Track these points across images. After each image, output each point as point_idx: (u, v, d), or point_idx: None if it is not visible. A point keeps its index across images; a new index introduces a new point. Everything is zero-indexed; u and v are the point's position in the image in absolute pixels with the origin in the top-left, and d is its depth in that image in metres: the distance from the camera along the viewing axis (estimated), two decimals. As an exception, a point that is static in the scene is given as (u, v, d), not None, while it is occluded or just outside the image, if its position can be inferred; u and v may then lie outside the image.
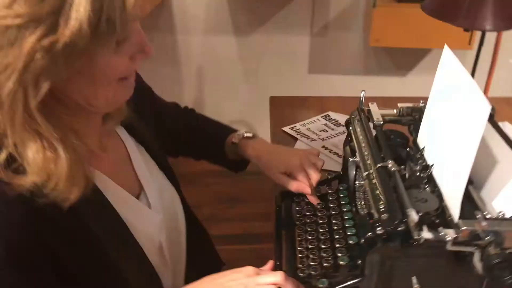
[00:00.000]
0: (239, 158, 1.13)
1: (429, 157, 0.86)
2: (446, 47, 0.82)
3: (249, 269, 0.79)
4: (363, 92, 0.99)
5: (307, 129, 1.42)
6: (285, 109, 1.53)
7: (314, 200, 1.00)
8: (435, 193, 0.80)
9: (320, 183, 1.03)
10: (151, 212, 0.86)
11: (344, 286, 0.80)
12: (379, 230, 0.72)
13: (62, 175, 0.65)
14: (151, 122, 0.99)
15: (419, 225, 0.69)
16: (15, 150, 0.64)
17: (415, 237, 0.68)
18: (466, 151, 0.70)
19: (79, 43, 0.59)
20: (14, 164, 0.64)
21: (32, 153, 0.64)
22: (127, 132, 0.89)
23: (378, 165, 0.83)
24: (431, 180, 0.83)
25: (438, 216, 0.76)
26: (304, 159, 1.02)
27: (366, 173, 0.84)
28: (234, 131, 1.15)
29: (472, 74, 1.47)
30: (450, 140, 0.78)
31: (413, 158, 0.89)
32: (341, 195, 0.99)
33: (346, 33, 2.45)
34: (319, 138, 1.37)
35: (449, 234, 0.67)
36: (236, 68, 2.58)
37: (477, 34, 1.71)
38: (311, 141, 1.36)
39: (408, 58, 2.48)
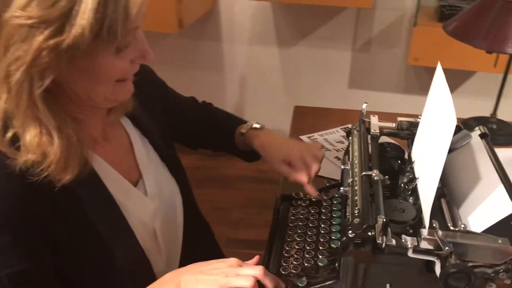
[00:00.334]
0: (248, 148, 1.16)
1: (417, 170, 0.88)
2: (439, 65, 0.85)
3: (232, 260, 0.84)
4: (365, 104, 1.02)
5: (324, 139, 1.45)
6: (307, 118, 1.57)
7: (312, 191, 1.01)
8: (416, 205, 0.82)
9: (319, 190, 1.06)
10: (147, 199, 0.93)
11: (320, 287, 0.83)
12: (350, 234, 0.76)
13: (55, 159, 0.73)
14: (161, 115, 1.05)
15: (383, 231, 0.71)
16: (19, 130, 0.73)
17: (378, 242, 0.71)
18: (435, 165, 0.72)
19: (80, 46, 0.68)
20: (18, 142, 0.73)
21: (30, 136, 0.73)
22: (132, 124, 0.97)
23: (363, 173, 0.86)
24: (414, 192, 0.85)
25: (413, 227, 0.78)
26: (305, 150, 1.04)
27: (350, 180, 0.87)
28: (244, 122, 1.18)
29: (498, 98, 1.45)
30: (428, 155, 0.81)
31: (403, 171, 0.92)
32: (335, 202, 1.02)
33: (388, 50, 2.46)
34: (334, 149, 1.40)
35: (410, 242, 0.69)
36: (277, 78, 2.65)
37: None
38: (326, 151, 1.39)
39: (451, 79, 2.43)
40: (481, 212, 0.75)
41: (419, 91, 2.52)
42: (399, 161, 0.95)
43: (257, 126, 1.15)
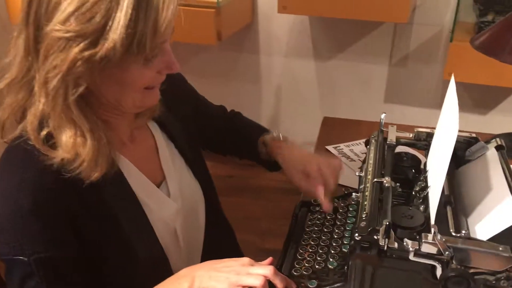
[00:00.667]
0: (270, 158, 1.19)
1: (430, 179, 0.90)
2: (452, 78, 0.86)
3: (245, 259, 0.87)
4: (383, 114, 1.04)
5: (350, 150, 1.47)
6: (335, 129, 1.60)
7: (326, 206, 1.02)
8: (426, 213, 0.84)
9: (337, 197, 1.09)
10: (169, 200, 0.98)
11: (329, 289, 0.86)
12: (356, 236, 0.78)
13: (87, 158, 0.79)
14: (189, 120, 1.11)
15: (386, 234, 0.73)
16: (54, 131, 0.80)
17: (380, 244, 0.73)
18: (440, 174, 0.74)
19: (112, 58, 0.74)
20: (51, 140, 0.80)
21: (66, 137, 0.79)
22: (159, 128, 1.02)
23: (375, 179, 0.88)
24: (425, 201, 0.86)
25: (420, 233, 0.79)
26: (323, 164, 1.06)
27: (362, 186, 0.89)
28: (268, 132, 1.21)
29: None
30: (436, 164, 0.82)
31: (417, 180, 0.93)
32: (351, 209, 1.04)
33: (426, 66, 2.44)
34: (359, 159, 1.42)
35: (411, 245, 0.71)
36: (312, 91, 2.67)
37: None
38: (350, 161, 1.41)
39: (490, 96, 2.40)
40: (488, 221, 0.76)
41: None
42: (414, 170, 0.96)
43: (280, 137, 1.18)
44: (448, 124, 0.81)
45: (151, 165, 0.98)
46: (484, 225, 0.77)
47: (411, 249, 0.71)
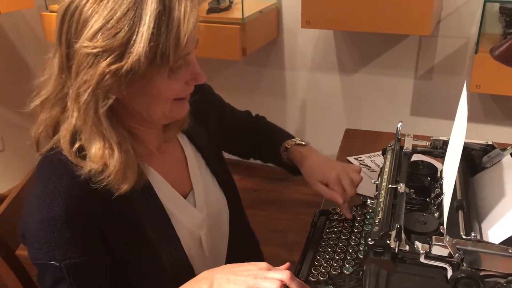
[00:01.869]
0: (292, 163, 1.21)
1: (445, 186, 0.90)
2: (464, 87, 0.88)
3: (263, 264, 0.89)
4: (400, 123, 1.06)
5: (371, 161, 1.48)
6: (357, 140, 1.61)
7: (347, 213, 1.06)
8: (440, 219, 0.85)
9: (355, 206, 1.10)
10: (195, 210, 1.01)
11: (345, 293, 0.87)
12: (369, 241, 0.80)
13: (114, 170, 0.83)
14: (216, 130, 1.14)
15: (397, 237, 0.75)
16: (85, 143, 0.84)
17: (392, 246, 0.74)
18: (449, 179, 0.75)
19: (138, 71, 0.78)
20: (83, 152, 0.85)
21: (95, 149, 0.83)
22: (187, 139, 1.06)
23: (389, 186, 0.90)
24: (440, 207, 0.87)
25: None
26: (342, 172, 1.08)
27: (377, 192, 0.91)
28: (291, 137, 1.24)
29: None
30: (449, 171, 0.83)
31: (433, 187, 0.94)
32: (368, 217, 1.05)
33: (452, 78, 2.43)
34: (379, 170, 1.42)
35: (421, 248, 0.72)
36: (337, 105, 2.69)
37: None
38: (371, 171, 1.42)
39: (519, 107, 2.37)
40: (500, 225, 0.77)
41: (484, 119, 2.46)
42: (430, 178, 0.97)
43: (302, 142, 1.20)
44: (458, 133, 0.82)
45: (179, 176, 1.01)
46: (497, 229, 0.77)
47: (421, 251, 0.72)
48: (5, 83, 2.68)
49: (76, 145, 0.84)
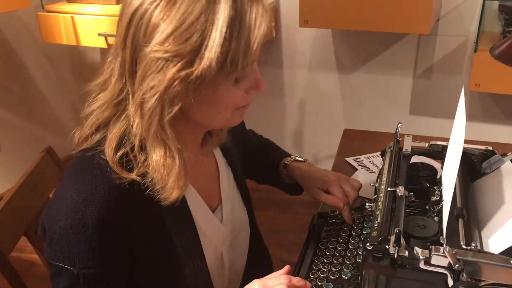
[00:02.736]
0: (291, 181, 1.21)
1: (444, 193, 0.89)
2: (463, 89, 0.86)
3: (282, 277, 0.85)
4: (399, 124, 1.04)
5: (370, 161, 1.47)
6: (355, 141, 1.60)
7: (347, 218, 1.04)
8: (440, 225, 0.83)
9: (353, 209, 1.09)
10: (221, 225, 0.98)
11: (343, 299, 0.86)
12: (368, 246, 0.78)
13: (171, 179, 0.80)
14: (241, 147, 1.12)
15: (396, 242, 0.73)
16: (137, 151, 0.81)
17: (391, 252, 0.72)
18: (449, 186, 0.73)
19: (207, 77, 0.75)
20: (125, 158, 0.81)
21: (157, 157, 0.80)
22: (221, 153, 1.03)
23: (388, 189, 0.88)
24: (439, 214, 0.85)
25: (433, 243, 0.79)
26: (342, 178, 1.08)
27: (376, 196, 0.89)
28: (288, 155, 1.23)
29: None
30: (448, 177, 0.82)
31: (433, 192, 0.92)
32: (367, 220, 1.04)
33: (451, 77, 2.42)
34: (378, 171, 1.41)
35: (421, 254, 0.71)
36: (336, 104, 2.67)
37: None
38: (370, 173, 1.40)
39: (519, 106, 2.36)
40: (500, 234, 0.75)
41: (484, 118, 2.44)
42: (430, 181, 0.95)
43: (301, 159, 1.20)
44: (456, 137, 0.80)
45: (211, 190, 0.99)
46: (497, 239, 0.75)
47: (421, 257, 0.70)
48: (0, 83, 2.66)
49: (120, 152, 0.81)
